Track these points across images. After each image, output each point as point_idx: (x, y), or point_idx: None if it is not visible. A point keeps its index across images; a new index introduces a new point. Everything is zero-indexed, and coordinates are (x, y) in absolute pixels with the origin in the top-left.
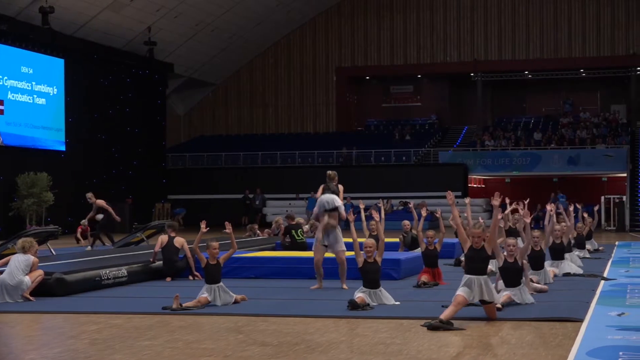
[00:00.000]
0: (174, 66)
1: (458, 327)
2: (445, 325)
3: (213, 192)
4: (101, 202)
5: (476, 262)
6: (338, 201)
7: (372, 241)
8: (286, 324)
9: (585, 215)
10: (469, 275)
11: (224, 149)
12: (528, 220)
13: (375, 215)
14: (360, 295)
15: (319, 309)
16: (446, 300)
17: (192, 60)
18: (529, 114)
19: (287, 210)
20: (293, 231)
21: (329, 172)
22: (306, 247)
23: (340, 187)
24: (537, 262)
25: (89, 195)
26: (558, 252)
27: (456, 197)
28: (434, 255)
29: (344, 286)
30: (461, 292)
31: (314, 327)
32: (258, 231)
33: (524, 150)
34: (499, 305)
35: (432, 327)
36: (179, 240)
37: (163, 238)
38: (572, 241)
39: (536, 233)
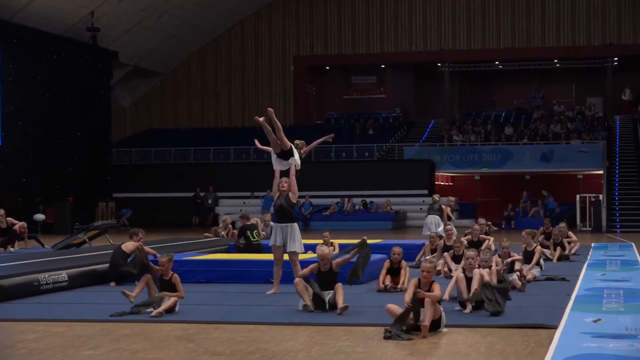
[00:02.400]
0: (118, 54)
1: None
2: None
3: (161, 190)
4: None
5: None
6: (296, 156)
7: (326, 250)
8: (240, 331)
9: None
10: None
11: (173, 144)
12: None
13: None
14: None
15: (275, 315)
16: None
17: (138, 47)
18: (500, 107)
19: (241, 210)
20: (248, 232)
21: (297, 141)
22: (262, 249)
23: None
24: None
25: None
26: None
27: (422, 195)
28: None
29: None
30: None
31: (269, 335)
32: (223, 232)
33: (494, 145)
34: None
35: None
36: (129, 246)
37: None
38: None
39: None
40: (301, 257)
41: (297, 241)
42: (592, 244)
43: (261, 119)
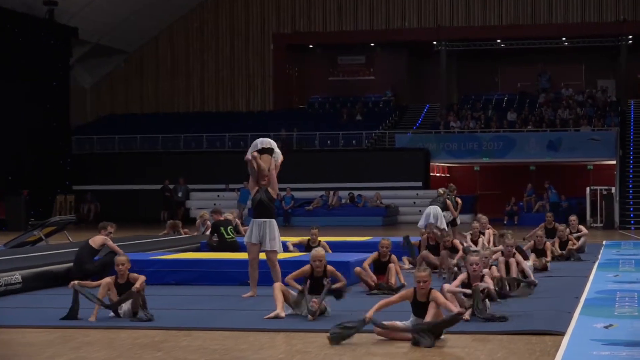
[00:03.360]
0: (78, 30)
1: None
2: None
3: (126, 182)
4: None
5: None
6: (276, 147)
7: (322, 251)
8: (213, 338)
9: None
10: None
11: (139, 131)
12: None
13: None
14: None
15: (252, 321)
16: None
17: (100, 23)
18: (502, 91)
19: (214, 204)
20: (222, 229)
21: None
22: (237, 247)
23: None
24: None
25: None
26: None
27: (416, 187)
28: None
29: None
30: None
31: (246, 343)
32: (182, 229)
33: (495, 133)
34: (466, 317)
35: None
36: (97, 240)
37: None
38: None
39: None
40: (280, 256)
41: (276, 239)
42: (604, 242)
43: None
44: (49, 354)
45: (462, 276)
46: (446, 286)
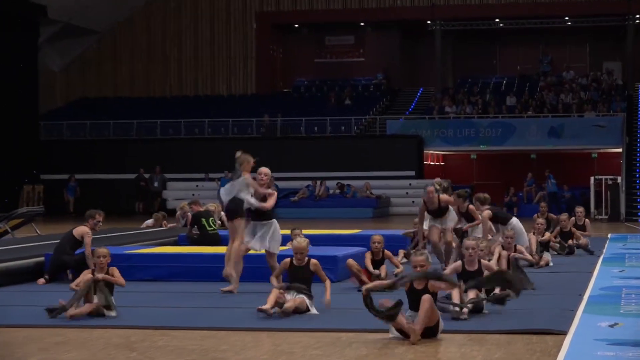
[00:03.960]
0: (47, 9)
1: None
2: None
3: (98, 170)
4: None
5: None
6: (244, 193)
7: (304, 243)
8: (192, 338)
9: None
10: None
11: (113, 116)
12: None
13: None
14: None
15: (234, 319)
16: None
17: (71, 1)
18: (501, 73)
19: (193, 195)
20: (203, 220)
21: (237, 153)
22: (219, 240)
23: (247, 176)
24: None
25: None
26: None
27: (408, 177)
28: (381, 262)
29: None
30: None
31: (227, 343)
32: (165, 222)
33: (493, 119)
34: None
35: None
36: (79, 230)
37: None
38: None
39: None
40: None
41: (277, 241)
42: (609, 235)
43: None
44: (18, 355)
45: (456, 265)
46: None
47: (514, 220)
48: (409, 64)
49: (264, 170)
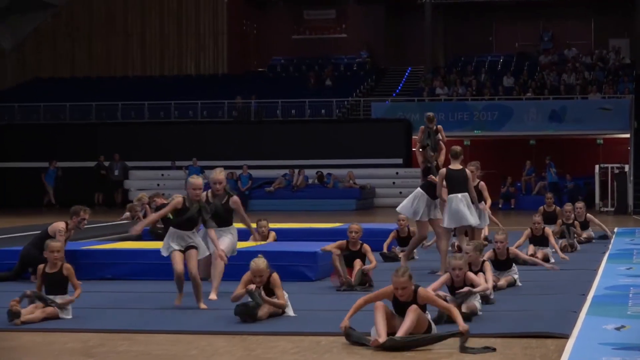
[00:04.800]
0: None
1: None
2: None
3: (53, 157)
4: None
5: None
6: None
7: (262, 264)
8: (157, 343)
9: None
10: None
11: (69, 98)
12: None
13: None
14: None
15: (204, 321)
16: None
17: None
18: (497, 51)
19: (158, 185)
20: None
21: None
22: None
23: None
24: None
25: None
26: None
27: (395, 165)
28: (358, 256)
29: (212, 296)
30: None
31: (197, 347)
32: (139, 214)
33: (489, 101)
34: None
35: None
36: (55, 227)
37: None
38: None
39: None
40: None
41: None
42: (616, 229)
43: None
44: None
45: (444, 278)
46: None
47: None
48: (395, 41)
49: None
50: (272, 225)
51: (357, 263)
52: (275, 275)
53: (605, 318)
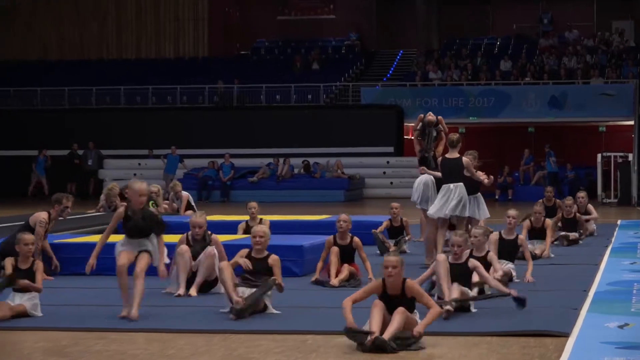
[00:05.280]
0: None
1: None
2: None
3: (22, 146)
4: None
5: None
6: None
7: (265, 228)
8: (133, 342)
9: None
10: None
11: (40, 82)
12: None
13: None
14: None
15: (183, 319)
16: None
17: None
18: (494, 34)
19: (135, 175)
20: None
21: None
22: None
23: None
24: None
25: None
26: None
27: (386, 154)
28: (348, 250)
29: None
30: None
31: (175, 347)
32: (118, 201)
33: (485, 86)
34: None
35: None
36: (36, 217)
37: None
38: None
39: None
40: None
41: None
42: (619, 222)
43: None
44: None
45: (430, 270)
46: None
47: None
48: (387, 22)
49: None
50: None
51: (346, 268)
52: (274, 256)
53: (607, 315)
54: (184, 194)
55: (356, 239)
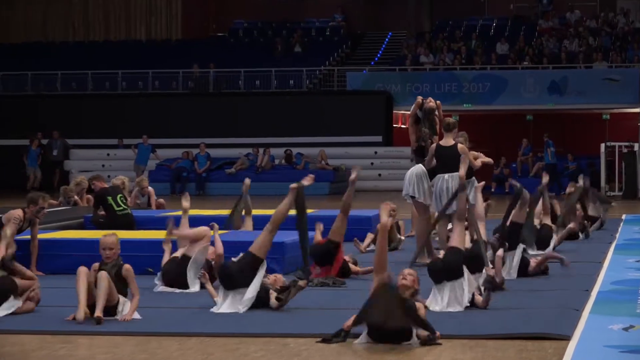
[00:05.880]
0: None
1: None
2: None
3: None
4: None
5: None
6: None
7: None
8: (101, 345)
9: None
10: None
11: (2, 67)
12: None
13: None
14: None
15: (155, 321)
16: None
17: None
18: (490, 14)
19: (103, 166)
20: (110, 199)
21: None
22: (132, 223)
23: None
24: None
25: None
26: None
27: (374, 143)
28: (327, 250)
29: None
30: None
31: (146, 351)
32: (76, 197)
33: (480, 71)
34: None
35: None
36: (8, 215)
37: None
38: None
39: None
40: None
41: None
42: (623, 216)
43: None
44: None
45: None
46: None
47: None
48: (374, 2)
49: None
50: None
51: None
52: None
53: (611, 317)
54: (150, 189)
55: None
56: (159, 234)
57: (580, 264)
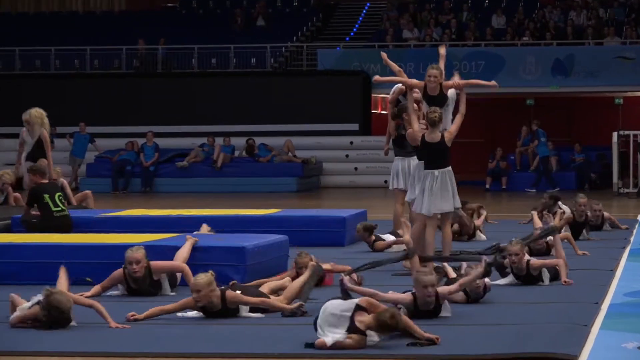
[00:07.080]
0: None
1: None
2: None
3: None
4: None
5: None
6: None
7: (203, 279)
8: None
9: None
10: None
11: None
12: None
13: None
14: None
15: (119, 340)
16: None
17: None
18: None
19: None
20: (46, 197)
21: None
22: (70, 224)
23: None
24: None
25: None
26: None
27: (350, 132)
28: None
29: None
30: None
31: None
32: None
33: (473, 47)
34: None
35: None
36: None
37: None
38: None
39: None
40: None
41: None
42: (639, 217)
43: None
44: None
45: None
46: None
47: None
48: None
49: None
50: (186, 213)
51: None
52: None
53: (624, 333)
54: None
55: None
56: (98, 238)
57: (589, 272)
